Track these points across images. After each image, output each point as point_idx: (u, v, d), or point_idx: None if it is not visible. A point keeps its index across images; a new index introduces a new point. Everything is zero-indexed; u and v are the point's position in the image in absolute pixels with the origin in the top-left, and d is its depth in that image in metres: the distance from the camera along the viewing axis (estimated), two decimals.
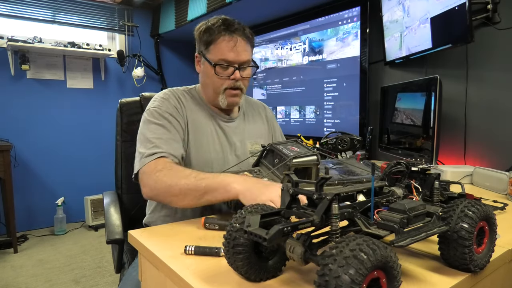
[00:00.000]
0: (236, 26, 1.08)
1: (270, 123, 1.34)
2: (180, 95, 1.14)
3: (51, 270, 2.44)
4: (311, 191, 0.54)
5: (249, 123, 1.25)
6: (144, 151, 1.00)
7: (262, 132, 1.29)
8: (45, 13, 3.21)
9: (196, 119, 1.12)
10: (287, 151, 0.91)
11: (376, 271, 0.43)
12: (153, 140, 1.01)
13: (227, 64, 1.07)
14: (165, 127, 1.05)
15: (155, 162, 0.97)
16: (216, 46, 1.07)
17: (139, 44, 3.69)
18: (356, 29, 2.28)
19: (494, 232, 0.62)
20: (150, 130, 1.04)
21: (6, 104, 3.08)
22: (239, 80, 1.09)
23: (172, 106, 1.09)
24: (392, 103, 1.85)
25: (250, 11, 2.79)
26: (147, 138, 1.03)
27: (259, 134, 1.27)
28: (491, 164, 1.60)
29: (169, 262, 0.65)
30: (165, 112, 1.07)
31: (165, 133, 1.03)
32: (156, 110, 1.07)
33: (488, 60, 1.64)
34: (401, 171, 0.67)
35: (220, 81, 1.09)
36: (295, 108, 2.82)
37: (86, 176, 3.46)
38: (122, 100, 1.42)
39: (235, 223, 0.56)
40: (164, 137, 1.02)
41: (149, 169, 0.97)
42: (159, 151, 0.99)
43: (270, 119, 1.35)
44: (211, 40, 1.07)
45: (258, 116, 1.31)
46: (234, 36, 1.06)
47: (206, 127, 1.13)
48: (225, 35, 1.06)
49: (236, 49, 1.06)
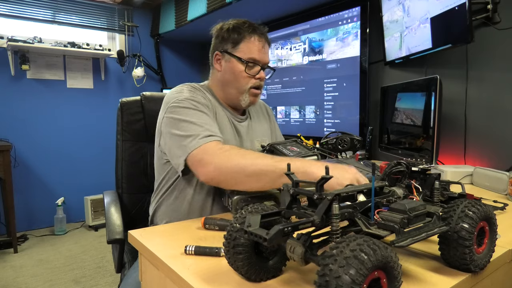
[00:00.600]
0: (262, 29, 1.13)
1: (272, 121, 1.37)
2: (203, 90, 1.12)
3: (51, 270, 2.44)
4: (311, 191, 0.54)
5: (255, 123, 1.27)
6: (198, 133, 0.92)
7: (267, 131, 1.32)
8: (45, 13, 3.21)
9: (219, 116, 1.11)
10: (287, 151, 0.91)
11: (376, 271, 0.43)
12: (202, 124, 0.95)
13: (255, 63, 1.10)
14: (208, 115, 1.00)
15: (216, 143, 0.91)
16: (247, 45, 1.09)
17: (139, 44, 3.69)
18: (356, 29, 2.28)
19: (494, 232, 0.62)
20: (189, 116, 0.97)
21: (6, 104, 3.08)
22: (264, 80, 1.13)
23: (202, 98, 1.06)
24: (392, 103, 1.85)
25: (250, 11, 2.79)
26: (192, 122, 0.95)
27: (265, 133, 1.29)
28: (491, 164, 1.60)
29: (169, 262, 0.65)
30: (200, 101, 1.03)
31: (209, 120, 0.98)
32: (190, 99, 1.01)
33: (488, 60, 1.64)
34: (401, 171, 0.67)
35: (247, 79, 1.10)
36: (295, 108, 2.82)
37: (86, 176, 3.46)
38: (122, 99, 1.42)
39: (236, 223, 0.56)
40: (207, 121, 0.97)
41: (211, 149, 0.90)
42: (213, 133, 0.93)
43: (272, 117, 1.39)
44: (241, 39, 1.09)
45: (262, 116, 1.33)
46: (263, 37, 1.12)
47: (227, 125, 1.13)
48: (255, 36, 1.10)
49: (264, 50, 1.12)
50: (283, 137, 1.41)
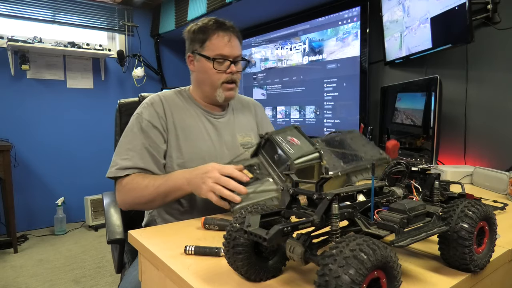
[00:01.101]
0: (227, 24, 1.15)
1: (259, 118, 1.35)
2: (167, 98, 1.18)
3: (51, 270, 2.44)
4: (311, 191, 0.54)
5: (238, 117, 1.27)
6: (118, 161, 1.07)
7: (252, 125, 1.31)
8: (45, 13, 3.21)
9: (185, 119, 1.15)
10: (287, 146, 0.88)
11: (376, 271, 0.43)
12: (127, 152, 1.08)
13: (223, 59, 1.13)
14: (141, 137, 1.09)
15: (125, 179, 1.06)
16: (212, 42, 1.13)
17: (139, 44, 3.69)
18: (356, 29, 2.28)
19: (494, 232, 0.62)
20: (127, 139, 1.10)
21: (6, 104, 3.08)
22: (235, 73, 1.15)
23: (154, 111, 1.13)
24: (392, 103, 1.85)
25: (250, 11, 2.79)
26: (123, 147, 1.10)
27: (250, 127, 1.29)
28: (491, 164, 1.60)
29: (169, 262, 0.65)
30: (144, 120, 1.11)
31: (138, 145, 1.08)
32: (137, 118, 1.13)
33: (488, 60, 1.64)
34: (401, 171, 0.67)
35: (217, 75, 1.13)
36: (295, 108, 2.82)
37: (86, 176, 3.46)
38: (121, 100, 1.43)
39: (235, 223, 0.56)
40: (137, 148, 1.08)
41: (119, 186, 1.07)
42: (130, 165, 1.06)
43: (260, 117, 1.36)
44: (206, 38, 1.13)
45: (247, 111, 1.33)
46: (228, 32, 1.14)
47: (196, 125, 1.16)
48: (220, 32, 1.13)
49: (230, 44, 1.13)
50: None
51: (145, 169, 1.07)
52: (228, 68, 1.13)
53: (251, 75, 3.27)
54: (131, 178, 1.05)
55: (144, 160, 1.07)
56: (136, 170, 1.06)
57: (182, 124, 1.14)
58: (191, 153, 1.11)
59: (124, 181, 1.06)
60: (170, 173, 1.02)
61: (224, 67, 1.13)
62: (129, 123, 1.14)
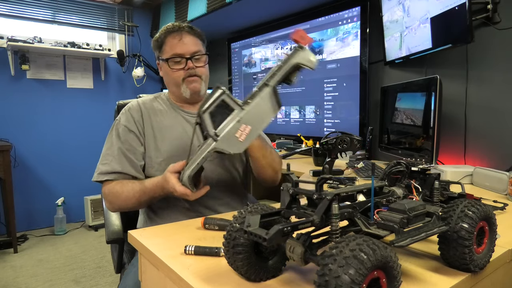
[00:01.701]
0: (180, 25, 1.20)
1: None
2: (145, 103, 1.23)
3: (51, 270, 2.44)
4: (311, 191, 0.54)
5: None
6: (98, 166, 1.15)
7: None
8: (45, 13, 3.21)
9: (163, 121, 1.20)
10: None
11: (376, 271, 0.43)
12: (106, 157, 1.15)
13: (179, 57, 1.17)
14: (119, 142, 1.15)
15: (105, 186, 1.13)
16: (166, 45, 1.19)
17: (139, 44, 3.69)
18: (356, 29, 2.27)
19: (494, 232, 0.62)
20: (106, 145, 1.18)
21: (6, 104, 3.08)
22: (194, 68, 1.18)
23: (131, 116, 1.19)
24: (392, 103, 1.85)
25: (250, 11, 2.79)
26: (103, 151, 1.17)
27: None
28: (491, 164, 1.60)
29: (169, 262, 0.65)
30: (121, 125, 1.17)
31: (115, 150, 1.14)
32: (116, 124, 1.20)
33: (488, 60, 1.64)
34: (401, 171, 0.67)
35: (177, 73, 1.18)
36: (295, 108, 2.82)
37: (86, 176, 3.42)
38: (119, 101, 1.46)
39: (235, 223, 0.56)
40: (115, 153, 1.14)
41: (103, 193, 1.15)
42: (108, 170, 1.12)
43: None
44: (162, 42, 1.20)
45: None
46: (178, 32, 1.18)
47: (173, 125, 1.20)
48: (171, 34, 1.19)
49: (182, 41, 1.17)
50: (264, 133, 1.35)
51: (122, 173, 1.12)
52: (186, 65, 1.17)
53: (251, 75, 3.27)
54: (111, 186, 1.12)
55: (121, 164, 1.13)
56: (114, 175, 1.12)
57: (159, 126, 1.19)
58: (169, 151, 1.16)
59: (106, 188, 1.13)
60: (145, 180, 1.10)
61: (181, 64, 1.17)
62: (110, 129, 1.21)
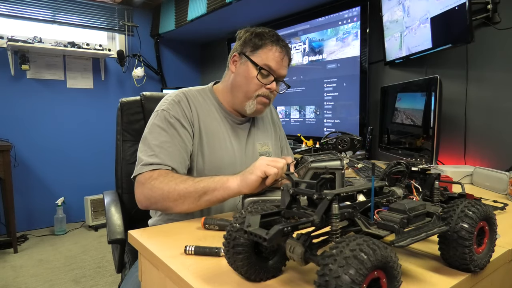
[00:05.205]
0: (286, 43, 1.12)
1: (276, 124, 1.35)
2: (193, 98, 1.12)
3: (51, 270, 2.44)
4: (311, 190, 0.54)
5: (258, 125, 1.26)
6: (143, 158, 1.00)
7: (270, 133, 1.30)
8: (45, 13, 3.21)
9: (209, 123, 1.11)
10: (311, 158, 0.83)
11: (376, 271, 0.43)
12: (154, 148, 1.01)
13: (269, 72, 1.09)
14: (170, 134, 1.03)
15: (151, 172, 0.98)
16: (265, 51, 1.08)
17: (139, 44, 3.69)
18: (356, 29, 2.27)
19: (494, 232, 0.62)
20: (153, 135, 1.03)
21: (6, 104, 3.08)
22: (273, 91, 1.11)
23: (182, 110, 1.07)
24: (392, 103, 1.85)
25: (250, 11, 2.79)
26: (149, 143, 1.03)
27: (268, 136, 1.28)
28: (491, 164, 1.60)
29: (169, 262, 0.65)
30: (172, 117, 1.05)
31: (167, 141, 1.02)
32: (164, 114, 1.06)
33: (488, 60, 1.64)
34: (401, 171, 0.67)
35: (257, 85, 1.09)
36: (295, 108, 2.82)
37: (86, 176, 3.46)
38: (122, 99, 1.42)
39: (235, 223, 0.56)
40: (165, 145, 1.01)
41: (143, 178, 0.98)
42: (156, 161, 0.99)
43: (276, 120, 1.36)
44: (262, 45, 1.08)
45: (265, 118, 1.32)
46: (284, 50, 1.10)
47: (219, 130, 1.13)
48: (277, 46, 1.09)
49: (282, 62, 1.09)
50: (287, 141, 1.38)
51: (172, 168, 0.99)
52: (270, 83, 1.09)
53: None
54: (157, 173, 0.96)
55: (171, 158, 1.00)
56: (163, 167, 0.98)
57: (206, 127, 1.10)
58: (212, 162, 1.08)
59: (150, 174, 0.97)
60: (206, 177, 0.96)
61: (267, 80, 1.09)
62: (154, 119, 1.07)
